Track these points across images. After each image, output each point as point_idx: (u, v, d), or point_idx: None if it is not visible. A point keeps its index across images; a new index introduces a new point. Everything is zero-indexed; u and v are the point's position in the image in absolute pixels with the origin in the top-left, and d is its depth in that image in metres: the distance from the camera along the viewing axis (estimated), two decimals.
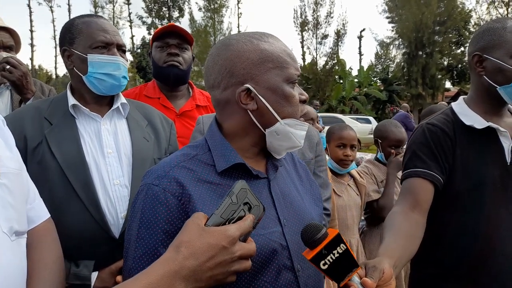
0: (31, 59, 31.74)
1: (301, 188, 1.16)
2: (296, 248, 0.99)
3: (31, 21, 31.30)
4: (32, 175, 1.13)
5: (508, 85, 1.42)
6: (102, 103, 1.54)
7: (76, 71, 1.50)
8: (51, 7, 32.24)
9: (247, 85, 0.96)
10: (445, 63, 30.15)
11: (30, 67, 30.87)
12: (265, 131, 1.00)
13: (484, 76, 1.48)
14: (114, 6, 33.83)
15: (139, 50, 36.02)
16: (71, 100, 1.48)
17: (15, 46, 2.17)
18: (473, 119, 1.49)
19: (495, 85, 1.45)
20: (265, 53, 0.97)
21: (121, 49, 1.54)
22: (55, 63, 33.33)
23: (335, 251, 0.86)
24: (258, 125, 0.99)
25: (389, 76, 31.25)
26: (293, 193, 1.09)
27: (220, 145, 1.01)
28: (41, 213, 1.10)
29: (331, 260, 0.86)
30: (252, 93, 0.96)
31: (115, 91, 1.54)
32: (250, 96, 0.97)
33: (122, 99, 1.58)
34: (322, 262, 0.85)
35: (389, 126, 2.75)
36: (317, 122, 3.03)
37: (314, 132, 2.03)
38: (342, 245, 0.87)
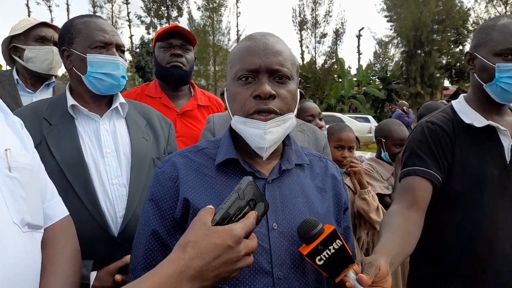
0: None
1: (318, 201, 1.08)
2: (282, 254, 0.95)
3: None
4: None
5: (491, 83, 1.43)
6: (101, 103, 1.55)
7: (76, 71, 1.51)
8: (49, 6, 32.13)
9: (225, 88, 1.09)
10: (444, 61, 30.18)
11: None
12: None
13: (474, 74, 1.50)
14: (112, 6, 33.75)
15: (138, 50, 35.98)
16: (70, 101, 1.48)
17: None
18: (473, 118, 1.48)
19: (482, 83, 1.47)
20: (230, 56, 1.07)
21: (120, 49, 1.55)
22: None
23: (331, 247, 0.87)
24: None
25: (388, 75, 31.23)
26: (300, 202, 1.04)
27: (226, 142, 1.07)
28: (59, 211, 1.12)
29: (326, 256, 0.87)
30: None
31: (114, 90, 1.55)
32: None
33: (121, 99, 1.59)
34: (318, 257, 0.86)
35: (392, 125, 2.77)
36: (320, 119, 2.81)
37: (321, 136, 2.02)
38: (338, 240, 0.88)
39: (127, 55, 34.00)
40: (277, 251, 0.95)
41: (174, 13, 36.03)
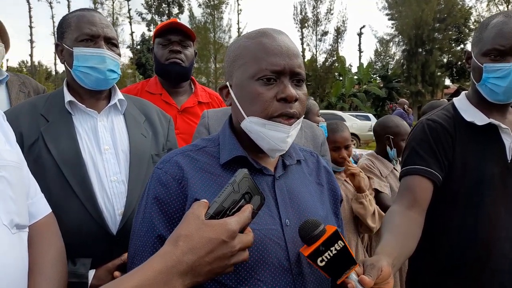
0: (31, 55, 31.62)
1: (317, 195, 1.11)
2: (297, 250, 0.96)
3: (30, 17, 31.16)
4: None
5: (481, 83, 1.43)
6: (99, 99, 1.53)
7: (66, 65, 1.49)
8: (50, 3, 32.03)
9: (227, 83, 1.03)
10: (445, 60, 30.14)
11: (29, 64, 30.77)
12: None
13: (471, 73, 1.50)
14: (113, 2, 33.66)
15: (138, 47, 35.94)
16: (68, 97, 1.46)
17: None
18: (474, 116, 1.47)
19: (475, 82, 1.47)
20: (239, 50, 1.00)
21: (110, 42, 1.50)
22: (55, 59, 33.13)
23: (332, 248, 0.85)
24: (237, 121, 1.02)
25: (389, 73, 31.23)
26: (305, 196, 1.05)
27: (228, 139, 1.04)
28: (42, 208, 1.10)
29: (328, 257, 0.85)
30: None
31: (103, 85, 1.50)
32: (229, 92, 1.03)
33: (120, 95, 1.56)
34: (320, 258, 0.85)
35: (399, 121, 2.75)
36: (318, 116, 2.93)
37: (319, 132, 2.00)
38: (340, 242, 0.86)
39: (128, 52, 33.99)
40: (293, 248, 0.95)
41: (175, 10, 35.99)
